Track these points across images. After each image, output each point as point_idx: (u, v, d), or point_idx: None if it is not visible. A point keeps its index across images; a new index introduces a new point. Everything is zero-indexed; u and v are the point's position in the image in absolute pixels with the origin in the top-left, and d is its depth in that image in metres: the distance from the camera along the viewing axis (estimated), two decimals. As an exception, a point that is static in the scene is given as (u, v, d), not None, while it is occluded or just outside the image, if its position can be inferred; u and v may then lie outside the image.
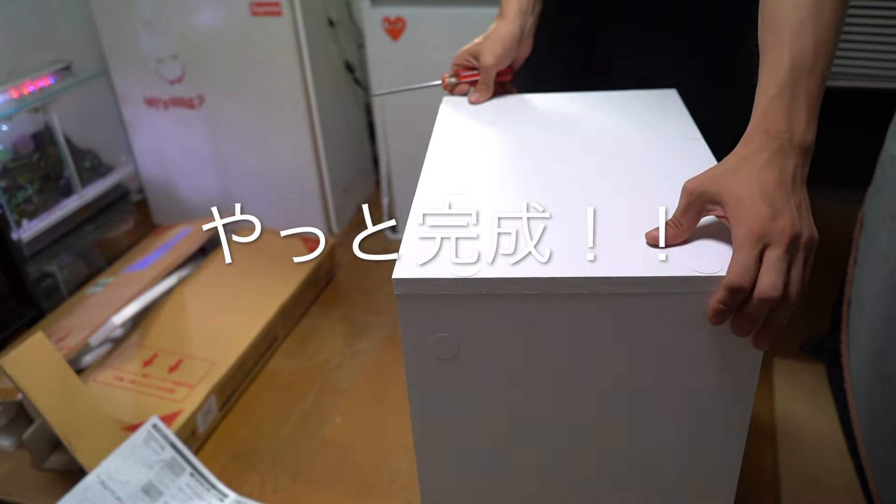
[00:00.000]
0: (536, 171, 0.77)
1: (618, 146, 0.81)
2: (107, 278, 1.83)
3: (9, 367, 1.20)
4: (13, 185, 1.78)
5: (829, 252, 1.89)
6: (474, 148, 0.84)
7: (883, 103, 1.53)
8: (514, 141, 0.86)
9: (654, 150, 0.79)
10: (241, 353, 1.55)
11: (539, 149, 0.83)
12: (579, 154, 0.80)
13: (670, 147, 0.79)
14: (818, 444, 1.36)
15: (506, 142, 0.86)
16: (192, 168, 2.13)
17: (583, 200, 0.69)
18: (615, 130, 0.85)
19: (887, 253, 1.19)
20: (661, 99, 0.92)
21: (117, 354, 1.55)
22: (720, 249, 0.59)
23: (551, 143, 0.84)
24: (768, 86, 0.59)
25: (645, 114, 0.89)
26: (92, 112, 2.07)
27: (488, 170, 0.79)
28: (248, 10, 1.82)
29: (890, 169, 1.24)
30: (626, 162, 0.77)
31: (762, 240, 0.54)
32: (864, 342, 1.26)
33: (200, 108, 2.00)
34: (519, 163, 0.81)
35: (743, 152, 0.58)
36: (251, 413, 1.52)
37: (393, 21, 1.79)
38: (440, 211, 0.70)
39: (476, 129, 0.89)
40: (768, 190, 0.55)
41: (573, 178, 0.75)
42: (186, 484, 1.27)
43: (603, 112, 0.91)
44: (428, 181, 0.75)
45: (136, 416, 1.37)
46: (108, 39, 2.00)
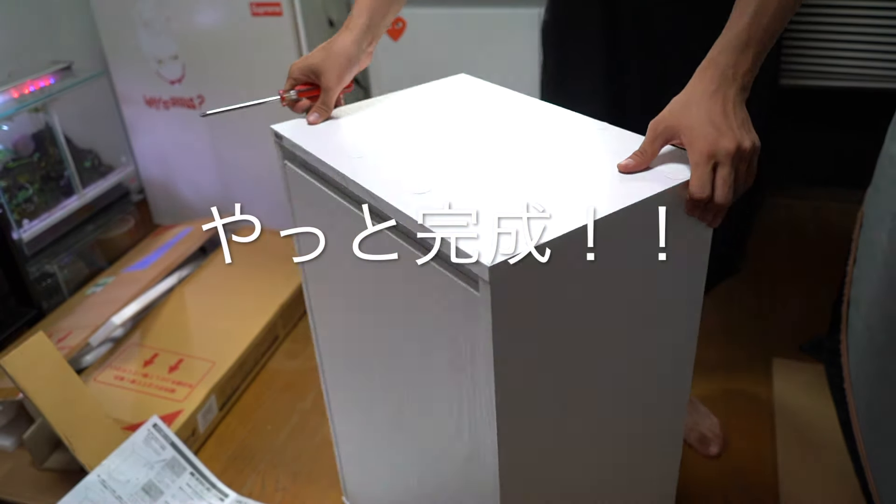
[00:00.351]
0: (474, 157, 0.83)
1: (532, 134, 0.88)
2: (107, 278, 1.83)
3: (9, 366, 1.20)
4: (14, 185, 1.78)
5: (829, 252, 1.90)
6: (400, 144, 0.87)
7: (883, 103, 1.53)
8: (428, 133, 0.90)
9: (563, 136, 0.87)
10: (241, 352, 1.55)
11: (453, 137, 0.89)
12: (496, 137, 0.87)
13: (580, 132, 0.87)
14: (818, 444, 1.36)
15: (422, 135, 0.90)
16: (192, 168, 2.13)
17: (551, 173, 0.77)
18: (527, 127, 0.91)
19: (887, 253, 1.19)
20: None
21: (118, 354, 1.55)
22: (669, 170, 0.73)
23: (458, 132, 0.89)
24: (729, 30, 0.72)
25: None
26: (92, 112, 2.07)
27: (444, 163, 0.82)
28: (248, 10, 1.82)
29: (889, 169, 1.24)
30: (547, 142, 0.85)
31: (712, 158, 0.68)
32: (864, 342, 1.26)
33: (201, 108, 2.00)
34: (458, 153, 0.85)
35: (695, 87, 0.72)
36: (251, 413, 1.53)
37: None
38: (441, 211, 0.71)
39: (380, 128, 0.91)
40: (715, 118, 0.69)
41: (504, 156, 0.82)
42: (187, 483, 1.27)
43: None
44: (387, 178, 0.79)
45: (136, 416, 1.37)
46: (109, 39, 2.00)
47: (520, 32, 1.69)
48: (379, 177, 0.77)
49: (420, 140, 0.86)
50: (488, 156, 0.81)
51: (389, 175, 0.77)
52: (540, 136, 0.86)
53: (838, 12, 1.87)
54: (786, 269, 1.89)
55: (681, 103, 0.72)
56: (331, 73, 0.88)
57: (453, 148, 0.84)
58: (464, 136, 0.87)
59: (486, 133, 0.88)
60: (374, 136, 0.88)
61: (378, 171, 0.78)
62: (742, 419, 1.42)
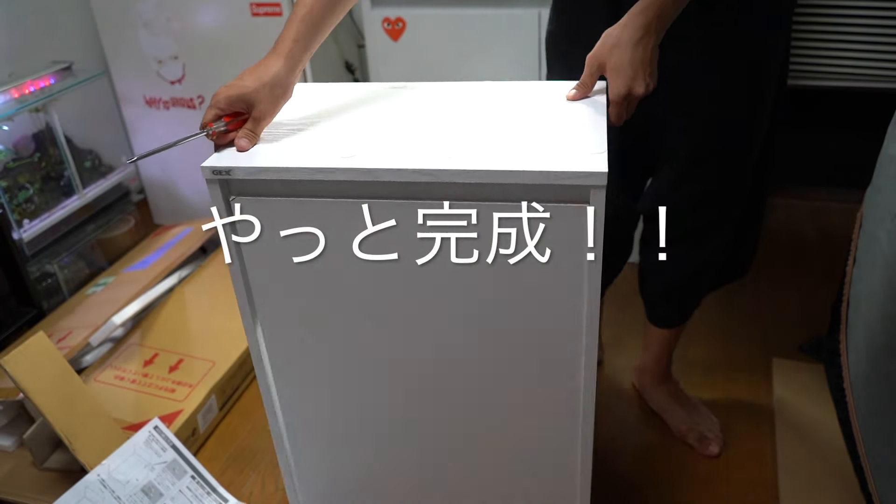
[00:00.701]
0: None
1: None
2: (107, 278, 1.83)
3: (10, 366, 1.21)
4: (14, 185, 1.79)
5: (829, 252, 1.90)
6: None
7: (883, 103, 1.53)
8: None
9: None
10: (241, 352, 1.55)
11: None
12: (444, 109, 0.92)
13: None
14: (818, 444, 1.36)
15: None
16: (192, 168, 2.11)
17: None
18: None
19: (886, 253, 1.19)
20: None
21: (118, 354, 1.55)
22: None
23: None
24: None
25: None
26: (92, 112, 2.07)
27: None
28: (248, 10, 1.82)
29: (889, 169, 1.24)
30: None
31: (628, 96, 0.86)
32: (863, 342, 1.26)
33: (201, 108, 2.00)
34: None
35: (624, 31, 0.85)
36: (252, 412, 1.53)
37: (393, 21, 1.79)
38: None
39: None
40: (635, 63, 0.85)
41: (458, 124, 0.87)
42: (187, 486, 1.27)
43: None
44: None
45: (136, 416, 1.37)
46: (109, 40, 2.00)
47: (520, 32, 1.69)
48: (388, 156, 0.78)
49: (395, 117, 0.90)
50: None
51: (392, 151, 0.79)
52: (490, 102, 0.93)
53: (838, 12, 1.86)
54: (786, 269, 1.89)
55: (610, 44, 0.86)
56: (265, 105, 0.83)
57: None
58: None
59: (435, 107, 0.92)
60: (327, 131, 0.87)
61: (380, 152, 0.79)
62: (742, 419, 1.42)
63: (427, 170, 0.74)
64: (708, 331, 1.65)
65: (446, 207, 0.76)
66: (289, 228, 0.82)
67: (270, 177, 0.79)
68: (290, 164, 0.78)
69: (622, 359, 1.58)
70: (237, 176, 0.79)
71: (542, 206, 0.72)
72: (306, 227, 0.82)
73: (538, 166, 0.72)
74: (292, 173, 0.78)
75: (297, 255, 0.83)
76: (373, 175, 0.75)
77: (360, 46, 2.15)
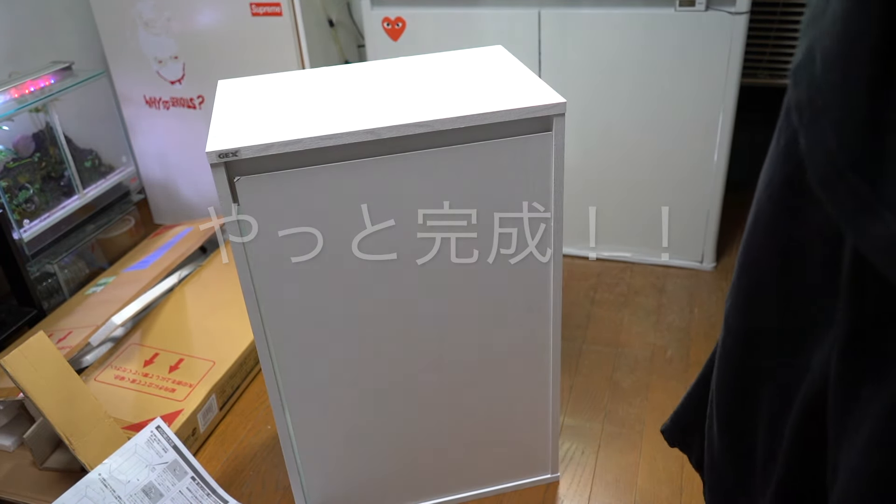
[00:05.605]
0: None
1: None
2: (107, 278, 1.83)
3: (10, 366, 1.21)
4: (14, 185, 1.79)
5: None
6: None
7: None
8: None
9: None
10: (241, 352, 1.55)
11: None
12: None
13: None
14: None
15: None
16: (192, 168, 2.13)
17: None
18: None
19: None
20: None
21: (118, 354, 1.55)
22: None
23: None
24: None
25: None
26: (92, 112, 2.07)
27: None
28: (248, 10, 1.82)
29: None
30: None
31: None
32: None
33: (201, 108, 2.00)
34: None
35: None
36: (252, 412, 1.53)
37: (393, 21, 1.79)
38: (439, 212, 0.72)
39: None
40: None
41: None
42: (187, 488, 1.27)
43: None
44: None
45: (136, 416, 1.38)
46: (109, 40, 2.00)
47: (520, 32, 1.70)
48: (381, 117, 0.84)
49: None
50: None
51: (380, 114, 0.85)
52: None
53: (838, 12, 1.86)
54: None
55: None
56: None
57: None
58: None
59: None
60: (305, 109, 0.92)
61: (370, 116, 0.85)
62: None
63: (423, 122, 0.81)
64: (708, 331, 1.65)
65: (446, 207, 0.76)
66: (288, 228, 0.83)
67: (278, 151, 0.82)
68: (296, 137, 0.81)
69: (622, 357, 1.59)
70: (245, 155, 0.81)
71: (519, 138, 0.83)
72: (306, 227, 0.82)
73: (512, 106, 0.84)
74: (300, 144, 0.81)
75: (297, 255, 0.84)
76: (375, 134, 0.81)
77: (360, 46, 2.15)
